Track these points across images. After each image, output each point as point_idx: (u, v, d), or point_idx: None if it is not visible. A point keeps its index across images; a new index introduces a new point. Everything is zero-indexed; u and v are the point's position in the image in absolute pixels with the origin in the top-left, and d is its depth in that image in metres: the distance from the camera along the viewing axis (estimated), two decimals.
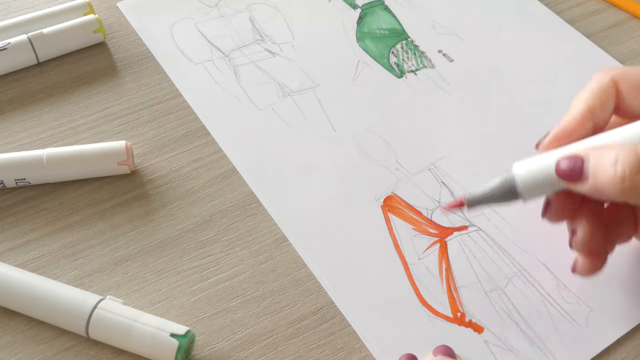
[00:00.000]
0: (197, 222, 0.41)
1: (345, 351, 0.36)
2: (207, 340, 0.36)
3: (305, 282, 0.39)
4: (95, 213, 0.41)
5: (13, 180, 0.41)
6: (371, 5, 0.53)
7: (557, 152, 0.34)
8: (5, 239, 0.40)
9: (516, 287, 0.38)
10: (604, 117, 0.35)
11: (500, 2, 0.54)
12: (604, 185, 0.31)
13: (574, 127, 0.35)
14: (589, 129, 0.35)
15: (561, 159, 0.33)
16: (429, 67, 0.49)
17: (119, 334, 0.35)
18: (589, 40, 0.51)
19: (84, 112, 0.46)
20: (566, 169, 0.33)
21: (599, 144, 0.33)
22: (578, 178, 0.32)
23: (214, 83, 0.48)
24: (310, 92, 0.47)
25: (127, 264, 0.39)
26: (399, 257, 0.39)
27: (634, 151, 0.31)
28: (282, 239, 0.40)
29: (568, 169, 0.33)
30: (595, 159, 0.32)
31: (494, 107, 0.47)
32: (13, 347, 0.36)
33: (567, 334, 0.37)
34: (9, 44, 0.47)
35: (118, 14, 0.52)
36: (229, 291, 0.38)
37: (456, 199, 0.36)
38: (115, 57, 0.49)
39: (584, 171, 0.32)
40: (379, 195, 0.42)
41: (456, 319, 0.37)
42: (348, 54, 0.50)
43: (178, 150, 0.44)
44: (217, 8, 0.53)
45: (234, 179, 0.43)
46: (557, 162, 0.33)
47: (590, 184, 0.32)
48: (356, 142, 0.45)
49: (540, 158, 0.34)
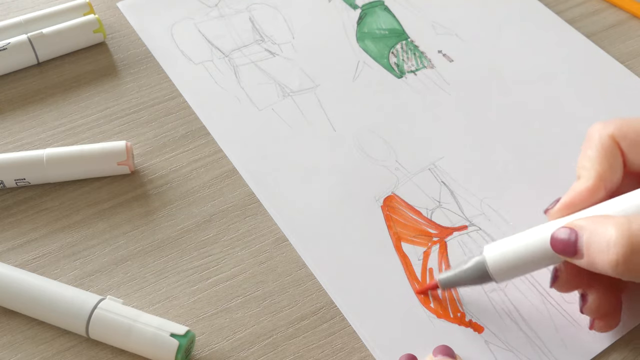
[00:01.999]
0: (197, 222, 0.41)
1: (345, 351, 0.36)
2: (207, 340, 0.36)
3: (305, 282, 0.39)
4: (95, 213, 0.41)
5: (13, 180, 0.41)
6: (371, 5, 0.53)
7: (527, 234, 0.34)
8: (5, 239, 0.40)
9: (516, 287, 0.38)
10: (615, 181, 0.35)
11: (500, 2, 0.54)
12: (598, 264, 0.31)
13: (585, 196, 0.34)
14: (602, 198, 0.34)
15: (556, 231, 0.32)
16: (429, 67, 0.49)
17: (119, 334, 0.35)
18: (589, 40, 0.51)
19: (84, 112, 0.46)
20: (560, 244, 0.32)
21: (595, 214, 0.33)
22: (573, 254, 0.32)
23: (214, 83, 0.48)
24: (310, 92, 0.47)
25: (127, 264, 0.39)
26: (399, 257, 0.39)
27: (628, 232, 0.30)
28: (282, 239, 0.40)
29: (562, 244, 0.32)
30: (590, 236, 0.31)
31: (494, 107, 0.47)
32: (13, 347, 0.36)
33: (567, 334, 0.37)
34: (9, 44, 0.47)
35: (118, 14, 0.52)
36: (229, 291, 0.38)
37: (431, 282, 0.37)
38: (115, 57, 0.49)
39: (578, 247, 0.32)
40: (379, 195, 0.42)
41: (456, 319, 0.37)
42: (348, 54, 0.50)
43: (178, 150, 0.44)
44: (217, 8, 0.53)
45: (234, 179, 0.43)
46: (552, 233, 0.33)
47: (585, 260, 0.32)
48: (356, 142, 0.45)
49: (510, 240, 0.34)
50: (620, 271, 0.30)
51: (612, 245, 0.30)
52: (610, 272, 0.31)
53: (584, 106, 0.47)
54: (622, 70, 0.49)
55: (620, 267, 0.30)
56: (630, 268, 0.30)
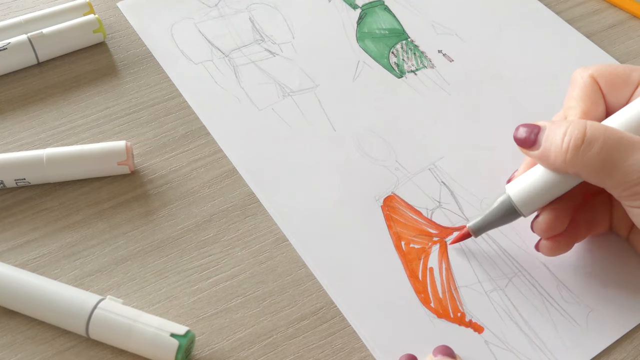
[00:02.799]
0: (197, 222, 0.41)
1: (345, 351, 0.36)
2: (207, 340, 0.36)
3: (305, 282, 0.39)
4: (95, 213, 0.41)
5: (13, 180, 0.41)
6: (371, 5, 0.53)
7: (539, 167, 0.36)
8: (5, 239, 0.40)
9: (516, 287, 0.38)
10: (598, 116, 0.37)
11: (500, 2, 0.54)
12: (551, 154, 0.34)
13: None
14: None
15: (519, 126, 0.36)
16: (429, 67, 0.49)
17: (119, 334, 0.35)
18: (589, 40, 0.51)
19: (84, 112, 0.46)
20: (522, 136, 0.36)
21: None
22: (530, 145, 0.36)
23: (214, 83, 0.48)
24: (310, 92, 0.47)
25: (127, 264, 0.39)
26: (399, 257, 0.39)
27: (583, 126, 0.34)
28: (282, 239, 0.40)
29: (523, 136, 0.36)
30: (550, 130, 0.35)
31: (494, 107, 0.47)
32: (13, 347, 0.36)
33: (567, 334, 0.37)
34: (9, 44, 0.47)
35: (118, 14, 0.52)
36: (229, 291, 0.38)
37: (461, 231, 0.39)
38: (115, 57, 0.49)
39: (538, 139, 0.35)
40: (379, 195, 0.42)
41: (456, 319, 0.37)
42: (348, 54, 0.50)
43: (178, 150, 0.44)
44: (217, 8, 0.53)
45: (234, 179, 0.43)
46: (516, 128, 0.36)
47: (540, 151, 0.35)
48: (356, 142, 0.45)
49: (527, 174, 0.37)
50: (569, 159, 0.34)
51: (567, 134, 0.34)
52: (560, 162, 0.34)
53: None
54: None
55: (569, 154, 0.34)
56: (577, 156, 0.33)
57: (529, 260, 0.39)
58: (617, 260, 0.39)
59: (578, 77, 0.38)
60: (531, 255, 0.40)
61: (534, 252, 0.40)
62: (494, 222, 0.37)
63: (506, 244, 0.40)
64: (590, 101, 0.37)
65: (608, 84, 0.37)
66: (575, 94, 0.38)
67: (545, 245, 0.38)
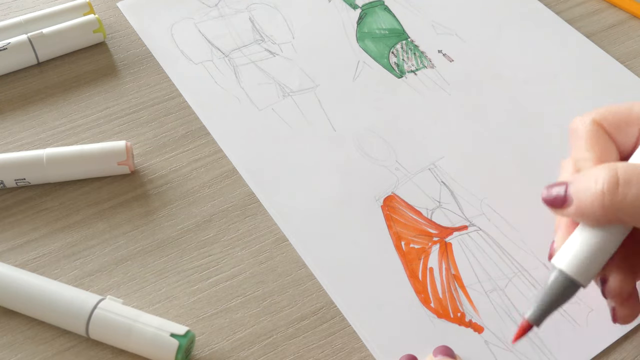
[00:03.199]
0: (197, 222, 0.41)
1: (345, 351, 0.36)
2: (207, 340, 0.36)
3: (305, 282, 0.39)
4: (95, 213, 0.41)
5: (13, 180, 0.41)
6: (371, 5, 0.53)
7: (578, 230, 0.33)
8: (5, 239, 0.40)
9: (516, 287, 0.38)
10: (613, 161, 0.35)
11: (500, 2, 0.54)
12: (587, 206, 0.32)
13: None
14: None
15: (546, 187, 0.34)
16: (429, 67, 0.49)
17: (119, 334, 0.35)
18: (589, 40, 0.51)
19: (84, 112, 0.46)
20: (551, 196, 0.33)
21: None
22: (563, 203, 0.33)
23: (214, 83, 0.48)
24: (310, 92, 0.47)
25: (127, 264, 0.39)
26: (399, 257, 0.39)
27: (613, 169, 0.31)
28: (282, 239, 0.40)
29: (553, 196, 0.33)
30: (578, 182, 0.32)
31: (494, 107, 0.47)
32: (13, 347, 0.36)
33: (567, 334, 0.37)
34: (9, 44, 0.47)
35: (118, 14, 0.52)
36: (229, 291, 0.38)
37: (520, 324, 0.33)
38: (115, 57, 0.49)
39: (568, 195, 0.32)
40: (379, 195, 0.42)
41: (456, 319, 0.37)
42: (348, 54, 0.50)
43: (178, 150, 0.44)
44: (217, 8, 0.53)
45: (234, 179, 0.43)
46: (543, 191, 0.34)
47: (575, 206, 0.32)
48: (356, 142, 0.45)
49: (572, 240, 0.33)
50: (607, 204, 0.31)
51: (599, 179, 0.31)
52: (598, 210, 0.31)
53: (583, 106, 0.47)
54: (622, 70, 0.49)
55: (607, 198, 0.31)
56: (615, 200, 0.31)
57: (529, 260, 0.39)
58: None
59: (580, 125, 0.36)
60: (531, 255, 0.40)
61: (534, 252, 0.40)
62: (554, 304, 0.33)
63: (506, 244, 0.40)
64: (600, 147, 0.34)
65: (613, 126, 0.35)
66: (583, 143, 0.35)
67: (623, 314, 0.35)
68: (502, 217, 0.41)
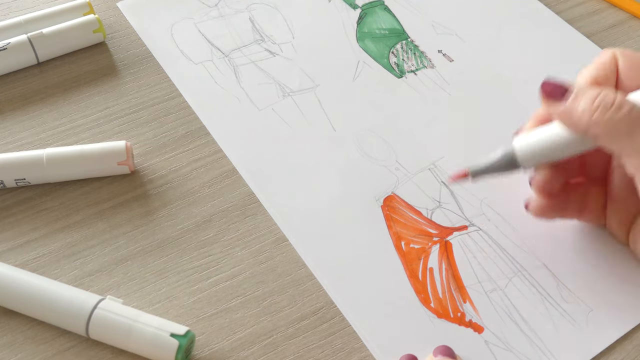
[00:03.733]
0: (197, 222, 0.41)
1: (345, 351, 0.36)
2: (207, 340, 0.36)
3: (305, 282, 0.39)
4: (95, 213, 0.41)
5: (13, 180, 0.41)
6: (371, 5, 0.53)
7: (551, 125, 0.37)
8: (5, 239, 0.40)
9: (516, 287, 0.38)
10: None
11: (500, 2, 0.54)
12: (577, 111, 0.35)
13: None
14: None
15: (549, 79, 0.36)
16: (429, 67, 0.49)
17: (119, 334, 0.35)
18: (589, 40, 0.51)
19: (84, 112, 0.46)
20: (554, 82, 0.36)
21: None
22: (562, 95, 0.36)
23: (214, 83, 0.48)
24: (310, 92, 0.47)
25: (127, 264, 0.39)
26: (399, 257, 0.39)
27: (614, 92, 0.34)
28: (282, 239, 0.40)
29: (556, 83, 0.36)
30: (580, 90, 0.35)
31: (494, 107, 0.47)
32: (13, 347, 0.36)
33: (567, 334, 0.37)
34: (9, 44, 0.47)
35: (118, 14, 0.52)
36: (229, 291, 0.38)
37: (461, 169, 0.38)
38: (115, 57, 0.49)
39: (567, 93, 0.35)
40: (379, 195, 0.42)
41: (456, 319, 0.37)
42: (348, 54, 0.50)
43: (178, 150, 0.44)
44: (217, 8, 0.53)
45: (234, 179, 0.43)
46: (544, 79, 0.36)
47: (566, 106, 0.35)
48: (356, 142, 0.45)
49: (540, 131, 0.37)
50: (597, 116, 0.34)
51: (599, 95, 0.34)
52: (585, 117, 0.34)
53: None
54: None
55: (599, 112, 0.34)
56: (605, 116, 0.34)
57: (529, 260, 0.39)
58: (617, 261, 0.39)
59: (602, 52, 0.38)
60: (531, 255, 0.40)
61: (534, 252, 0.40)
62: (493, 170, 0.38)
63: (506, 244, 0.40)
64: (602, 73, 0.37)
65: (627, 64, 0.37)
66: (594, 64, 0.38)
67: (535, 203, 0.39)
68: (502, 217, 0.41)
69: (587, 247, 0.40)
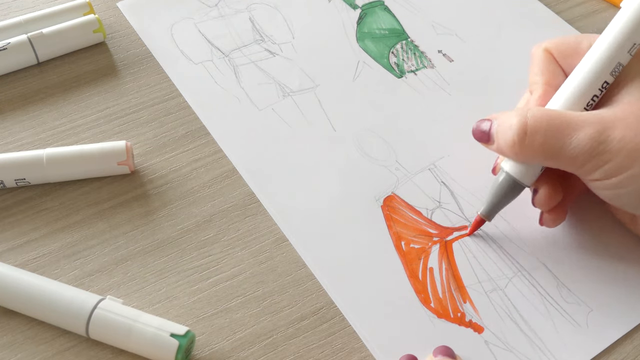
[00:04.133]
0: (197, 222, 0.41)
1: (345, 351, 0.36)
2: (207, 340, 0.36)
3: (305, 282, 0.39)
4: (95, 213, 0.41)
5: (13, 180, 0.41)
6: (371, 5, 0.53)
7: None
8: (5, 239, 0.40)
9: (516, 287, 0.38)
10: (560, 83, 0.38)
11: (500, 2, 0.54)
12: (503, 149, 0.36)
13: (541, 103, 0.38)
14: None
15: (478, 122, 0.38)
16: (429, 67, 0.49)
17: (119, 334, 0.35)
18: None
19: (84, 112, 0.46)
20: (478, 130, 0.38)
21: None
22: (487, 140, 0.38)
23: (214, 83, 0.48)
24: (310, 92, 0.47)
25: (127, 264, 0.39)
26: (399, 257, 0.39)
27: (524, 117, 0.35)
28: (282, 239, 0.40)
29: (479, 130, 0.38)
30: (498, 124, 0.37)
31: (494, 107, 0.47)
32: (13, 347, 0.36)
33: (567, 334, 0.37)
34: (9, 44, 0.47)
35: (118, 14, 0.52)
36: (229, 291, 0.38)
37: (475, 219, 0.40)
38: (115, 57, 0.49)
39: (491, 134, 0.37)
40: (379, 195, 0.42)
41: (456, 319, 0.37)
42: (348, 54, 0.50)
43: (178, 150, 0.44)
44: (217, 8, 0.53)
45: (234, 179, 0.43)
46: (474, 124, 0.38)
47: (495, 146, 0.37)
48: (356, 142, 0.45)
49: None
50: (517, 150, 0.36)
51: (513, 127, 0.36)
52: (509, 153, 0.36)
53: None
54: None
55: (517, 147, 0.36)
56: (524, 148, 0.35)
57: (529, 260, 0.39)
58: (617, 261, 0.39)
59: (535, 52, 0.40)
60: (531, 255, 0.40)
61: (534, 252, 0.40)
62: (503, 201, 0.38)
63: (506, 244, 0.40)
64: (549, 72, 0.39)
65: (561, 54, 0.39)
66: (536, 68, 0.40)
67: (548, 217, 0.39)
68: (502, 217, 0.41)
69: (587, 247, 0.40)
